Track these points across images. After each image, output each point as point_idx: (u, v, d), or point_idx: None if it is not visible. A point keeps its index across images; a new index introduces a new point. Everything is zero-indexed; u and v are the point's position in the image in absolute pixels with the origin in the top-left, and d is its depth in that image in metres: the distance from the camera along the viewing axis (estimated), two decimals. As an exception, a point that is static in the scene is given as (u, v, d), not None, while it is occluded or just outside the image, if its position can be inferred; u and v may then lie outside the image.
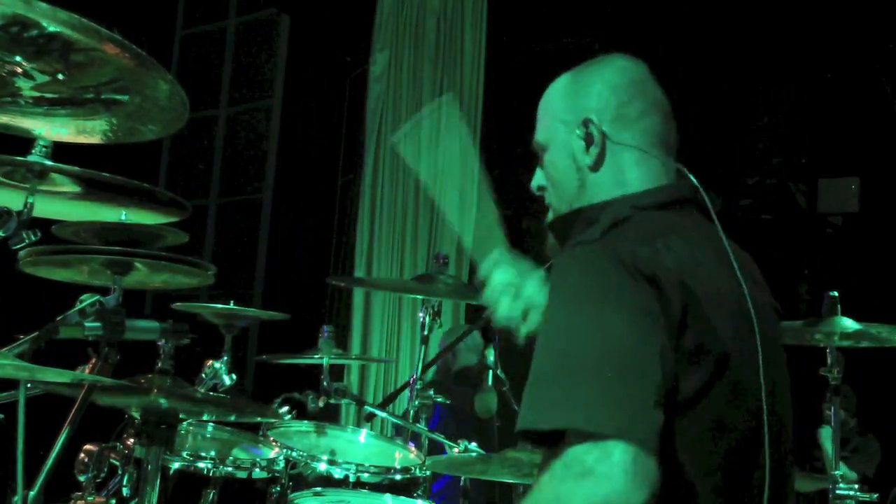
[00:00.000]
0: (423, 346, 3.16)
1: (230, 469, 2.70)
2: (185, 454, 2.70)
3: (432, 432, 3.07)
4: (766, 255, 1.53)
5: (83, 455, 2.32)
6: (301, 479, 2.74)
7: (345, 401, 3.00)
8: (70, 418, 1.77)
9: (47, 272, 2.26)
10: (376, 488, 2.73)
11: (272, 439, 2.89)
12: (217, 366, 2.80)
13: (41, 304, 2.13)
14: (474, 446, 2.95)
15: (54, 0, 1.14)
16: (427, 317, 3.07)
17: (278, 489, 2.71)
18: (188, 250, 2.29)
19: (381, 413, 3.24)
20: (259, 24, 7.52)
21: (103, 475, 2.36)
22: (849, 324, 2.76)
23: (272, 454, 2.80)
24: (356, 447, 3.07)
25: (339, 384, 3.00)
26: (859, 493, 2.79)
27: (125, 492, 2.33)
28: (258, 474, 2.75)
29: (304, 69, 7.04)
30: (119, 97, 1.34)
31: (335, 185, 6.69)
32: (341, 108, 6.71)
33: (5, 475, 1.70)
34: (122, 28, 1.24)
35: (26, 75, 1.26)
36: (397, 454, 3.08)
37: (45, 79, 1.27)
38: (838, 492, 2.78)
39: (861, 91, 5.10)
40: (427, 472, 2.86)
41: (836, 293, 2.80)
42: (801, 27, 5.18)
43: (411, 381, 3.13)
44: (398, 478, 2.80)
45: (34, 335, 1.74)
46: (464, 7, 5.67)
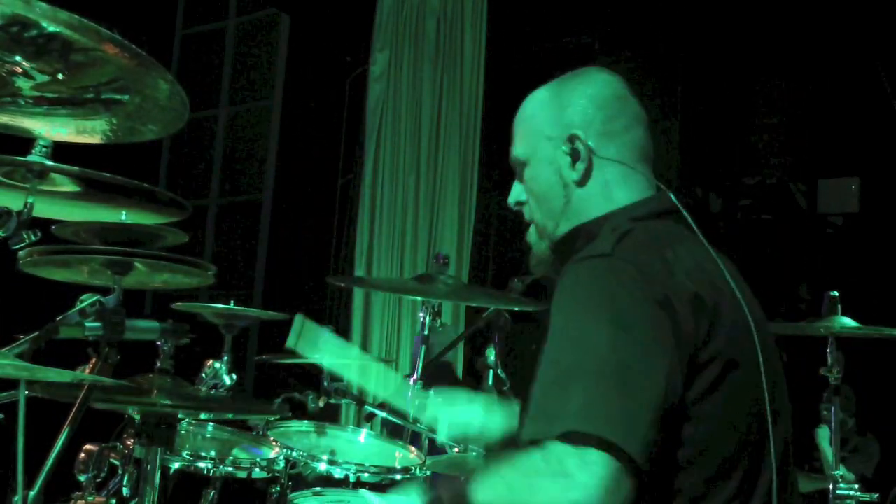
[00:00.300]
0: (424, 346, 3.16)
1: (230, 469, 2.70)
2: (185, 454, 2.70)
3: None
4: (766, 255, 1.53)
5: (83, 455, 2.32)
6: (301, 479, 2.73)
7: (345, 401, 2.99)
8: (70, 418, 1.77)
9: (47, 272, 2.26)
10: (376, 488, 2.73)
11: (272, 439, 2.89)
12: (217, 366, 2.80)
13: (41, 304, 2.13)
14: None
15: (54, 0, 1.14)
16: (427, 317, 3.07)
17: (278, 489, 2.70)
18: (188, 250, 2.29)
19: (381, 413, 3.24)
20: (259, 24, 7.52)
21: (103, 475, 2.36)
22: (849, 324, 2.77)
23: (272, 454, 2.80)
24: (356, 447, 3.07)
25: (339, 384, 3.00)
26: (859, 493, 2.79)
27: (125, 492, 2.33)
28: (258, 474, 2.75)
29: (304, 69, 7.04)
30: (119, 97, 1.34)
31: (335, 185, 6.69)
32: (341, 108, 6.71)
33: (5, 475, 1.70)
34: (122, 28, 1.24)
35: (26, 75, 1.26)
36: (397, 454, 3.08)
37: (45, 79, 1.27)
38: (838, 492, 2.78)
39: (861, 91, 5.10)
40: (427, 472, 2.86)
41: (836, 293, 2.80)
42: (801, 27, 5.18)
43: (411, 381, 3.13)
44: (398, 478, 2.80)
45: (34, 335, 1.74)
46: (464, 7, 5.67)
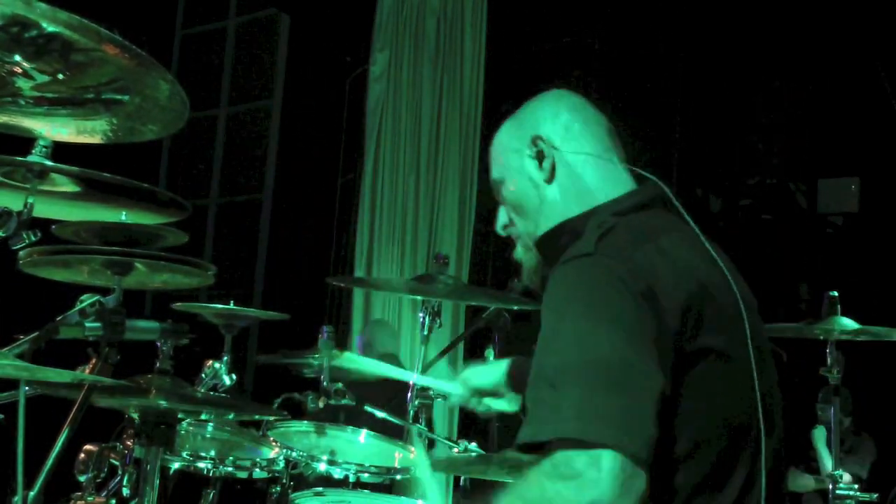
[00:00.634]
0: (423, 346, 3.16)
1: (230, 469, 2.70)
2: (185, 454, 2.70)
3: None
4: (766, 255, 1.54)
5: (83, 455, 2.32)
6: (301, 479, 2.74)
7: (345, 401, 2.99)
8: (70, 418, 1.77)
9: (47, 272, 2.26)
10: (376, 488, 2.73)
11: (272, 439, 2.89)
12: (217, 366, 2.80)
13: (41, 304, 2.13)
14: (474, 446, 2.95)
15: (54, 0, 1.14)
16: (427, 317, 3.07)
17: (278, 489, 2.71)
18: (188, 250, 2.29)
19: (381, 413, 3.24)
20: (259, 24, 7.53)
21: (103, 475, 2.36)
22: (849, 324, 2.77)
23: (272, 454, 2.80)
24: (356, 447, 3.07)
25: (339, 384, 3.00)
26: (859, 493, 2.80)
27: (125, 492, 2.33)
28: (258, 474, 2.75)
29: (304, 69, 7.04)
30: (119, 97, 1.34)
31: (335, 185, 6.69)
32: (341, 108, 6.71)
33: (5, 475, 1.70)
34: (122, 28, 1.24)
35: (26, 75, 1.26)
36: (397, 454, 3.08)
37: (46, 79, 1.27)
38: (838, 492, 2.78)
39: (861, 91, 5.10)
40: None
41: (836, 293, 2.80)
42: (801, 27, 5.18)
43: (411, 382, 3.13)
44: (398, 478, 2.80)
45: (34, 335, 1.74)
46: (464, 7, 5.67)
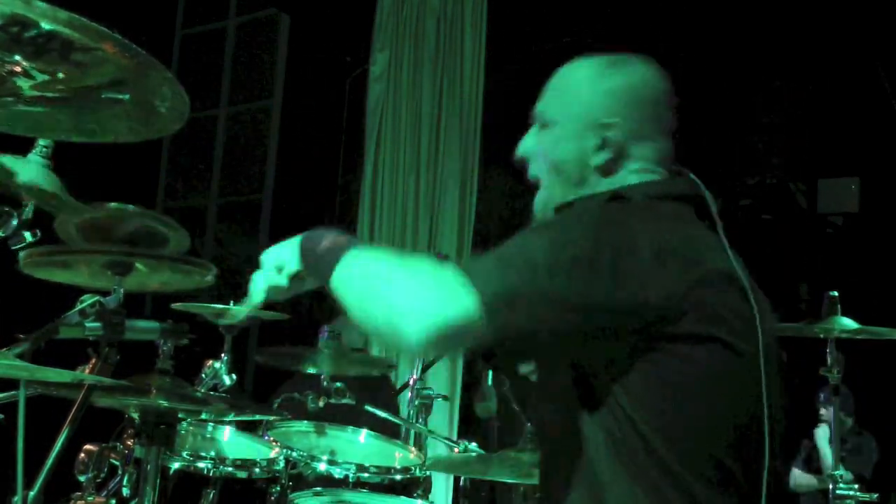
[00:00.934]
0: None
1: (230, 469, 2.70)
2: (185, 454, 2.69)
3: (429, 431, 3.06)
4: (766, 255, 1.54)
5: (83, 455, 2.32)
6: (301, 479, 2.73)
7: (345, 400, 3.00)
8: (70, 418, 1.77)
9: (47, 272, 2.26)
10: (376, 488, 2.73)
11: (272, 439, 2.89)
12: (217, 366, 2.80)
13: (41, 304, 2.13)
14: (474, 446, 2.95)
15: (54, 0, 1.14)
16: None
17: (278, 489, 2.70)
18: (188, 250, 2.29)
19: (381, 413, 3.24)
20: (259, 24, 7.52)
21: (103, 475, 2.36)
22: (849, 323, 2.77)
23: (272, 454, 2.80)
24: (356, 447, 3.07)
25: (339, 384, 3.00)
26: (859, 493, 2.80)
27: (125, 492, 2.33)
28: (258, 474, 2.75)
29: (304, 69, 7.04)
30: (119, 97, 1.34)
31: (335, 185, 6.69)
32: (341, 108, 6.71)
33: (5, 475, 1.70)
34: (122, 28, 1.24)
35: (26, 75, 1.26)
36: (397, 454, 3.08)
37: (45, 78, 1.27)
38: (838, 492, 2.78)
39: (861, 91, 5.10)
40: (427, 473, 2.86)
41: (836, 293, 2.80)
42: (801, 27, 5.18)
43: (411, 382, 3.13)
44: (398, 478, 2.80)
45: (34, 335, 1.73)
46: (464, 7, 5.67)
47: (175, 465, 2.65)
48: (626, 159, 1.58)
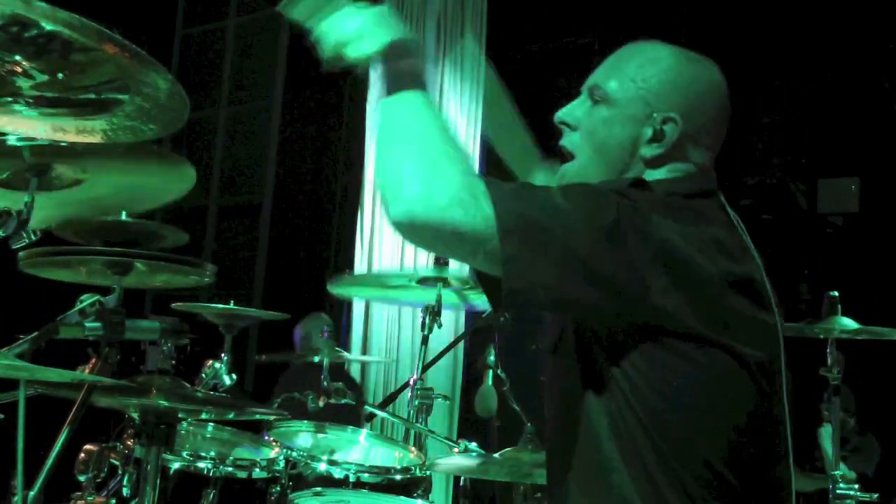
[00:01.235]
0: (423, 346, 3.16)
1: (230, 469, 2.70)
2: (185, 454, 2.70)
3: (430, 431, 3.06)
4: (766, 255, 1.54)
5: (83, 455, 2.32)
6: (301, 479, 2.73)
7: (345, 400, 3.00)
8: (70, 418, 1.77)
9: (47, 272, 2.26)
10: (376, 488, 2.73)
11: (272, 439, 2.89)
12: (217, 366, 2.80)
13: (41, 304, 2.13)
14: (474, 446, 2.95)
15: (54, 0, 1.14)
16: (427, 316, 3.07)
17: (278, 489, 2.70)
18: (188, 250, 2.29)
19: (381, 413, 3.25)
20: (259, 24, 7.52)
21: (103, 475, 2.36)
22: (849, 324, 2.77)
23: (272, 454, 2.80)
24: (356, 447, 3.07)
25: (339, 384, 3.00)
26: (859, 493, 2.79)
27: (125, 492, 2.33)
28: (258, 474, 2.75)
29: (304, 69, 7.04)
30: (119, 97, 1.34)
31: (335, 185, 6.69)
32: (341, 108, 6.71)
33: (5, 475, 1.70)
34: (122, 28, 1.24)
35: (26, 75, 1.26)
36: (397, 454, 3.08)
37: (45, 78, 1.27)
38: (838, 492, 2.78)
39: (861, 91, 5.10)
40: (427, 473, 2.86)
41: (836, 293, 2.80)
42: (801, 27, 5.18)
43: (411, 382, 3.13)
44: (398, 478, 2.80)
45: (34, 335, 1.73)
46: (464, 7, 5.67)
47: (175, 465, 2.65)
48: (675, 159, 1.53)
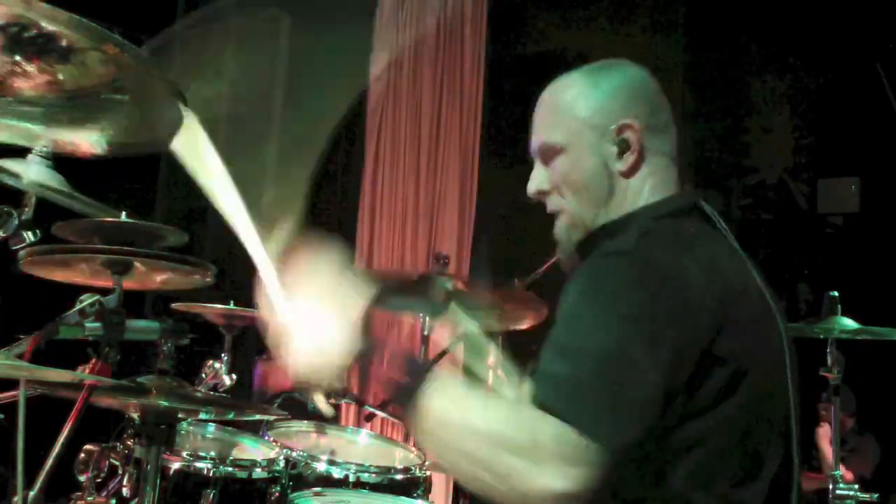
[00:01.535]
0: (423, 347, 3.16)
1: (230, 469, 2.70)
2: (185, 454, 2.70)
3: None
4: (766, 255, 1.54)
5: (83, 455, 2.32)
6: (301, 479, 2.73)
7: (345, 400, 3.00)
8: (70, 418, 1.77)
9: (47, 272, 2.27)
10: (376, 488, 2.73)
11: (272, 439, 2.89)
12: (217, 366, 2.80)
13: (41, 304, 2.13)
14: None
15: (54, 0, 1.14)
16: (427, 317, 3.07)
17: (278, 489, 2.70)
18: (188, 250, 2.29)
19: (381, 413, 3.25)
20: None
21: (103, 475, 2.36)
22: (849, 323, 2.77)
23: (272, 454, 2.80)
24: (356, 447, 3.08)
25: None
26: (859, 493, 2.80)
27: (125, 492, 2.33)
28: (258, 474, 2.75)
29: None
30: (119, 97, 1.34)
31: (335, 185, 6.69)
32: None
33: (5, 475, 1.70)
34: (122, 28, 1.24)
35: (26, 75, 1.26)
36: (397, 454, 3.08)
37: (45, 79, 1.27)
38: (838, 492, 2.78)
39: (861, 91, 5.10)
40: (427, 472, 2.86)
41: (836, 293, 2.81)
42: (801, 27, 5.18)
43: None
44: (398, 478, 2.80)
45: (34, 335, 1.74)
46: (464, 7, 5.67)
47: (175, 465, 2.65)
48: (647, 155, 1.55)
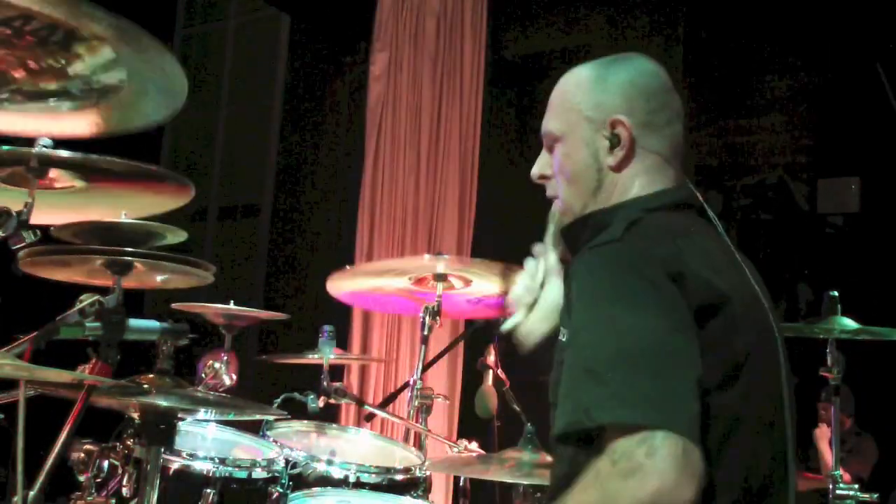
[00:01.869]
0: (423, 346, 3.16)
1: (230, 469, 2.70)
2: (185, 454, 2.69)
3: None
4: (766, 255, 1.55)
5: (83, 455, 2.32)
6: (301, 479, 2.73)
7: (345, 400, 3.00)
8: (70, 418, 1.77)
9: (47, 272, 2.26)
10: (376, 488, 2.73)
11: (272, 439, 2.89)
12: (217, 366, 2.80)
13: (41, 304, 2.13)
14: (474, 446, 2.95)
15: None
16: (426, 316, 3.07)
17: (278, 489, 2.70)
18: (188, 250, 2.29)
19: (381, 413, 3.24)
20: (259, 23, 7.52)
21: (103, 475, 2.36)
22: (849, 323, 2.77)
23: (272, 454, 2.80)
24: (356, 447, 3.08)
25: (339, 384, 3.00)
26: (859, 493, 2.79)
27: (125, 492, 2.33)
28: (258, 474, 2.75)
29: (304, 69, 7.04)
30: (117, 82, 1.33)
31: (335, 185, 6.69)
32: (341, 107, 6.71)
33: (5, 475, 1.70)
34: (121, 28, 1.23)
35: (25, 67, 1.26)
36: (397, 454, 3.08)
37: (44, 67, 1.27)
38: (838, 492, 2.78)
39: (861, 91, 5.10)
40: (427, 472, 2.86)
41: (836, 293, 2.80)
42: (801, 26, 5.18)
43: (411, 382, 3.13)
44: (398, 478, 2.80)
45: (34, 335, 1.73)
46: (464, 7, 5.67)
47: (175, 465, 2.65)
48: (638, 152, 1.57)
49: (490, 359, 3.16)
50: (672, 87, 1.64)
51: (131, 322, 1.88)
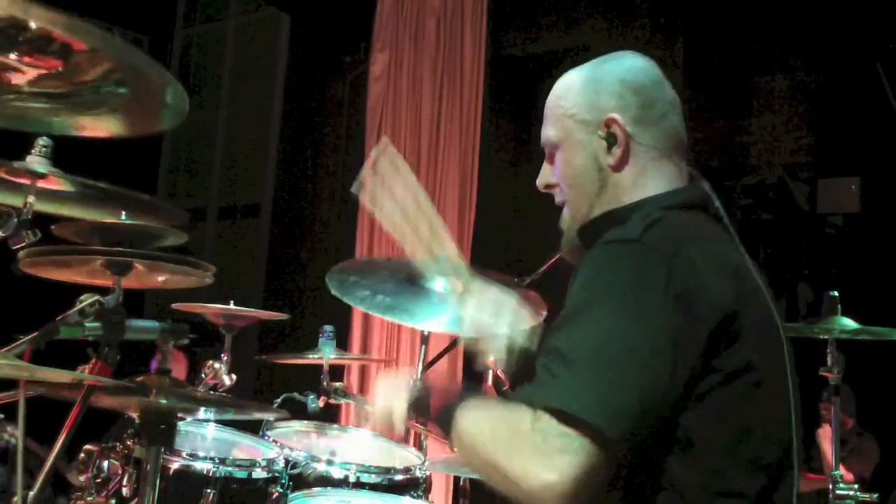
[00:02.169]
0: (423, 346, 3.16)
1: (230, 469, 2.70)
2: (185, 454, 2.69)
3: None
4: (766, 255, 1.55)
5: (83, 455, 2.32)
6: (301, 479, 2.73)
7: (345, 400, 2.99)
8: (70, 418, 1.77)
9: (47, 272, 2.26)
10: (376, 488, 2.73)
11: (272, 439, 2.89)
12: (217, 366, 2.80)
13: (41, 304, 2.13)
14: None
15: (57, 1, 1.14)
16: (426, 317, 3.07)
17: (278, 489, 2.70)
18: (188, 250, 2.29)
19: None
20: (259, 24, 7.52)
21: (103, 475, 2.36)
22: (849, 323, 2.77)
23: (272, 454, 2.80)
24: (356, 447, 3.07)
25: (339, 384, 3.00)
26: (859, 493, 2.79)
27: (125, 492, 2.33)
28: (258, 474, 2.75)
29: (304, 69, 7.04)
30: (118, 91, 1.34)
31: (335, 185, 6.69)
32: (341, 108, 6.71)
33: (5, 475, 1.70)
34: (122, 28, 1.23)
35: (23, 72, 1.26)
36: (397, 454, 3.08)
37: (43, 74, 1.27)
38: (838, 492, 2.78)
39: (861, 91, 5.10)
40: (427, 472, 2.86)
41: (836, 293, 2.80)
42: (801, 26, 5.18)
43: (411, 382, 3.12)
44: (398, 478, 2.80)
45: (34, 335, 1.73)
46: (464, 7, 5.67)
47: (175, 465, 2.65)
48: (634, 148, 1.57)
49: (490, 359, 3.16)
50: (664, 79, 1.63)
51: (131, 322, 1.88)
